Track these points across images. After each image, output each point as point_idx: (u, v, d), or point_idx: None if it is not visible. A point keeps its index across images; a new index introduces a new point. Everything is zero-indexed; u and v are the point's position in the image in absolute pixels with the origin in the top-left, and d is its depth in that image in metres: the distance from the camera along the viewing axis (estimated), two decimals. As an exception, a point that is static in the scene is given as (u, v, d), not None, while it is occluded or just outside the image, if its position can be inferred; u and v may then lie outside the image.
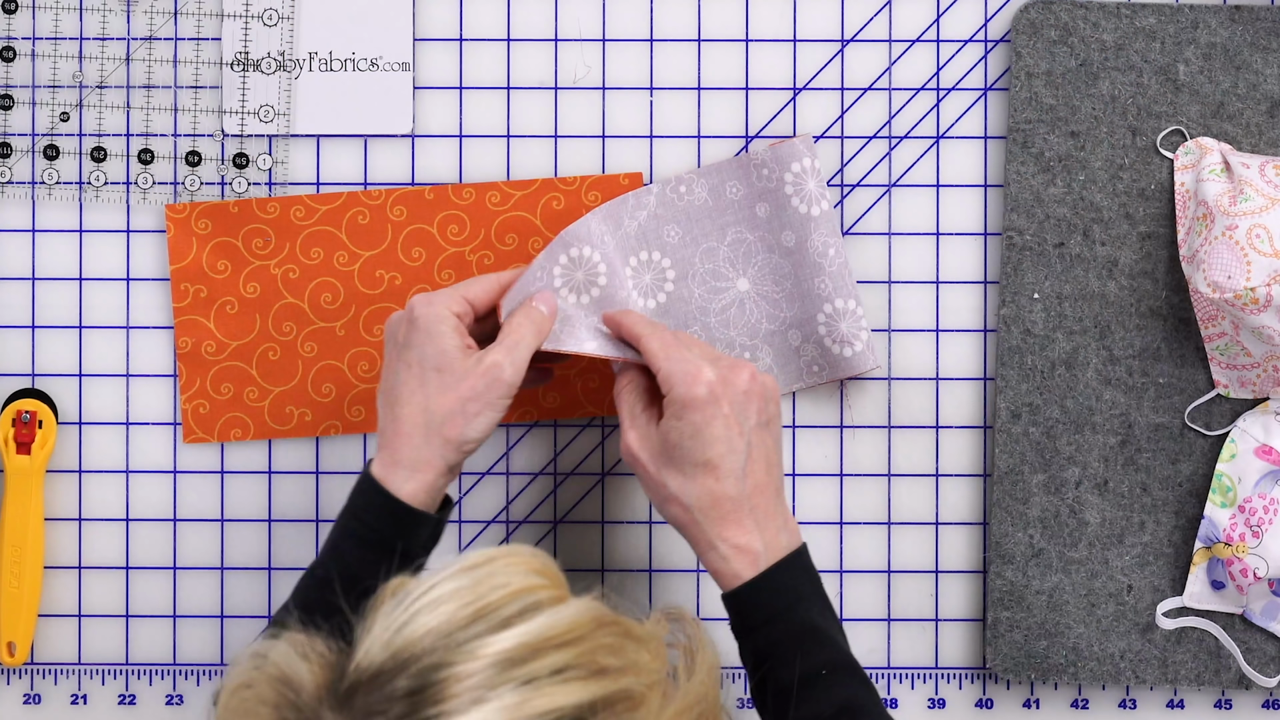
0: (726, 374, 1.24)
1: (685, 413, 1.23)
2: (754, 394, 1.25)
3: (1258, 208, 1.34)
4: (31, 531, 1.41)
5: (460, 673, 0.93)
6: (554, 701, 0.94)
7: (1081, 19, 1.41)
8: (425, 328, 1.25)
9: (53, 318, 1.44)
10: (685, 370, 1.24)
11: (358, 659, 0.95)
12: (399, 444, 1.24)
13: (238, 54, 1.43)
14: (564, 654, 0.96)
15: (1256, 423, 1.40)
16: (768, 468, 1.25)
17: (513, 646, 0.95)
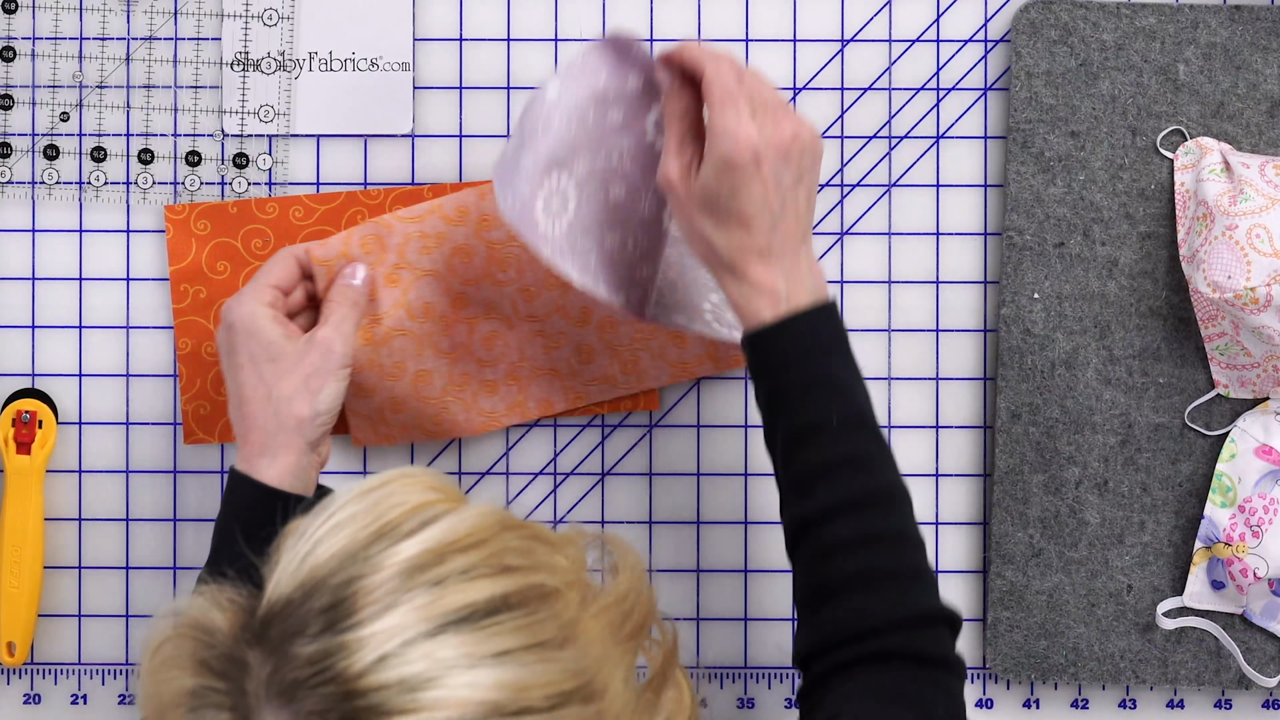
0: (770, 133, 1.22)
1: (725, 171, 1.22)
2: (793, 153, 1.23)
3: (1258, 208, 1.34)
4: (31, 531, 1.41)
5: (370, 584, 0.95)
6: (465, 598, 0.95)
7: (1081, 19, 1.41)
8: (244, 327, 1.29)
9: (53, 318, 1.44)
10: (733, 129, 1.22)
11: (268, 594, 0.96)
12: (254, 435, 1.28)
13: (238, 54, 1.43)
14: (469, 556, 0.97)
15: (1256, 423, 1.40)
16: (797, 219, 1.24)
17: (418, 553, 0.96)
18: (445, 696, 0.92)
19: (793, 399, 1.22)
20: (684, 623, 1.45)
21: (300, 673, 0.93)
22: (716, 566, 1.45)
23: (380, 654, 0.92)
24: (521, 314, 1.39)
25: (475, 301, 1.38)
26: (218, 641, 0.96)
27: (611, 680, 0.99)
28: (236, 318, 1.29)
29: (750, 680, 1.44)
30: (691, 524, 1.45)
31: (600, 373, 1.41)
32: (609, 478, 1.45)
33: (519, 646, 0.95)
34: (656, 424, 1.44)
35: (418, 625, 0.93)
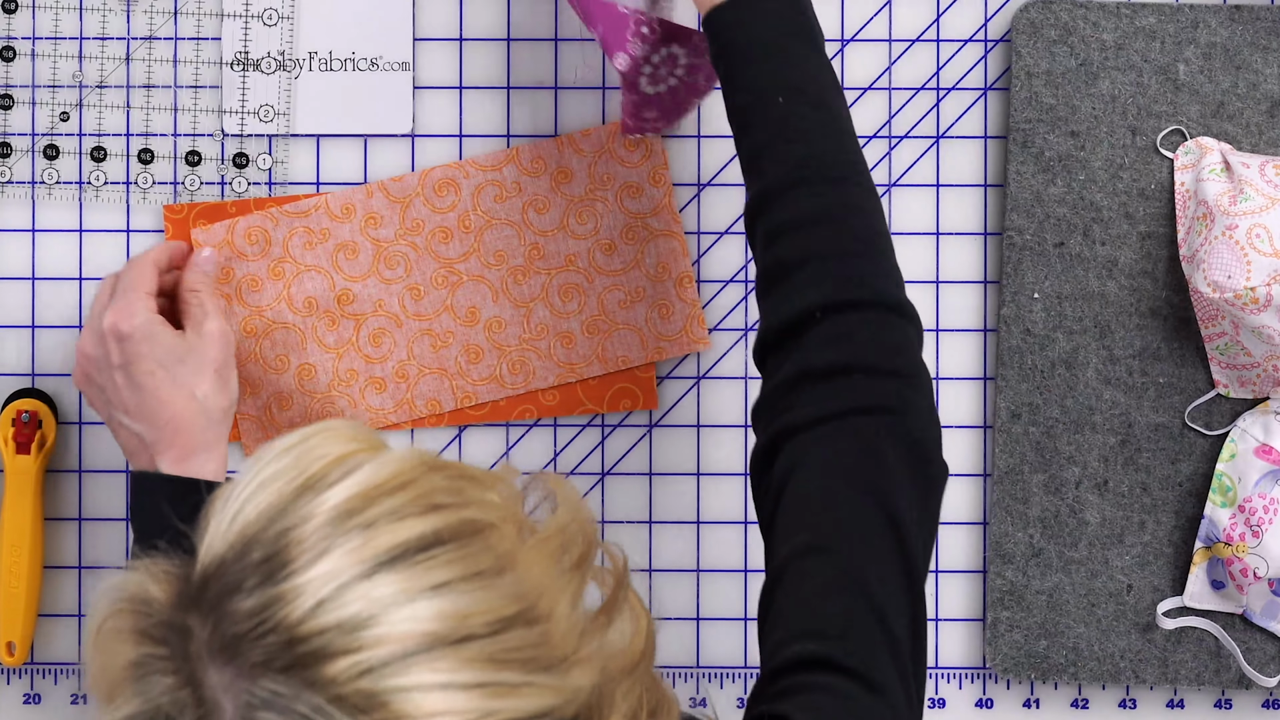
0: None
1: None
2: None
3: (1258, 207, 1.34)
4: (31, 531, 1.41)
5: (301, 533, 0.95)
6: (396, 537, 0.95)
7: (1081, 19, 1.41)
8: (143, 336, 1.31)
9: (53, 318, 1.44)
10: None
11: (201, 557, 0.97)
12: (184, 438, 1.30)
13: (238, 54, 1.43)
14: (396, 498, 0.97)
15: (1256, 423, 1.40)
16: None
17: (345, 499, 0.96)
18: (386, 632, 0.93)
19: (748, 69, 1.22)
20: (684, 623, 1.45)
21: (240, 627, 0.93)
22: (716, 566, 1.45)
23: (318, 599, 0.93)
24: (409, 312, 1.41)
25: (361, 298, 1.41)
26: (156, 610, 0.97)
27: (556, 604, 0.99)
28: (131, 329, 1.31)
29: (751, 680, 1.44)
30: (691, 524, 1.45)
31: (488, 372, 1.42)
32: (609, 478, 1.45)
33: (455, 578, 0.95)
34: (656, 424, 1.44)
35: (352, 568, 0.94)
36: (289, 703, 0.91)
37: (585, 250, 1.41)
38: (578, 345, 1.42)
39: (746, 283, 1.44)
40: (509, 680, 0.94)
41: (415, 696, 0.92)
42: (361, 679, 0.91)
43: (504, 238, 1.41)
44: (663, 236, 1.42)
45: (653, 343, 1.42)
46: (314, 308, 1.41)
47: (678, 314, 1.41)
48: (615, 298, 1.41)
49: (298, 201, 1.41)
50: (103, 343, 1.32)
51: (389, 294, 1.41)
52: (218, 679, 0.93)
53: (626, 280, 1.41)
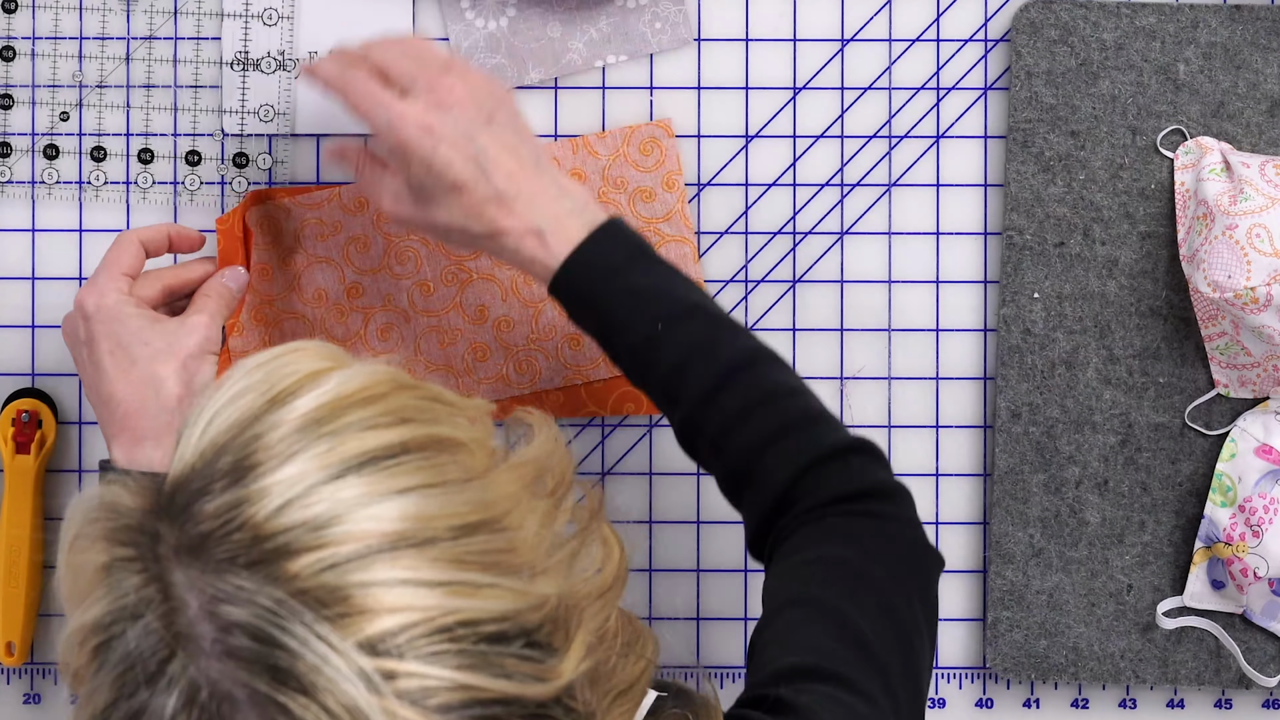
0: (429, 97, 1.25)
1: (408, 154, 1.24)
2: (463, 101, 1.25)
3: (1258, 207, 1.34)
4: (31, 531, 1.41)
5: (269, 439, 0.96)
6: (363, 445, 0.96)
7: (1081, 19, 1.41)
8: (108, 315, 1.29)
9: (53, 318, 1.44)
10: (385, 118, 1.25)
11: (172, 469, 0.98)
12: (133, 423, 1.29)
13: (238, 54, 1.43)
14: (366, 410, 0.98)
15: (1256, 422, 1.40)
16: (511, 153, 1.25)
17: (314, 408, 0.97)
18: (350, 530, 0.93)
19: (614, 325, 1.23)
20: (684, 623, 1.45)
21: (207, 526, 0.94)
22: (716, 566, 1.45)
23: (285, 499, 0.94)
24: (418, 308, 1.41)
25: (371, 292, 1.41)
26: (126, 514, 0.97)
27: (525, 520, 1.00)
28: (96, 307, 1.30)
29: (750, 680, 1.44)
30: (691, 524, 1.45)
31: (495, 372, 1.42)
32: (609, 477, 1.45)
33: (421, 484, 0.96)
34: (656, 424, 1.44)
35: (319, 472, 0.95)
36: (252, 595, 0.92)
37: None
38: (585, 347, 1.42)
39: (746, 283, 1.44)
40: (472, 580, 0.94)
41: (377, 591, 0.92)
42: (324, 574, 0.92)
43: None
44: (674, 241, 1.42)
45: None
46: (323, 299, 1.41)
47: None
48: None
49: (310, 194, 1.40)
50: (74, 319, 1.31)
51: (398, 289, 1.40)
52: (183, 577, 0.93)
53: None
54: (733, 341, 1.23)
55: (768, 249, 1.44)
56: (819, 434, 1.21)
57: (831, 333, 1.44)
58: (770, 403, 1.21)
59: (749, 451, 1.21)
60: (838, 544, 1.18)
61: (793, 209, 1.44)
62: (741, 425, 1.21)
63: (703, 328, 1.23)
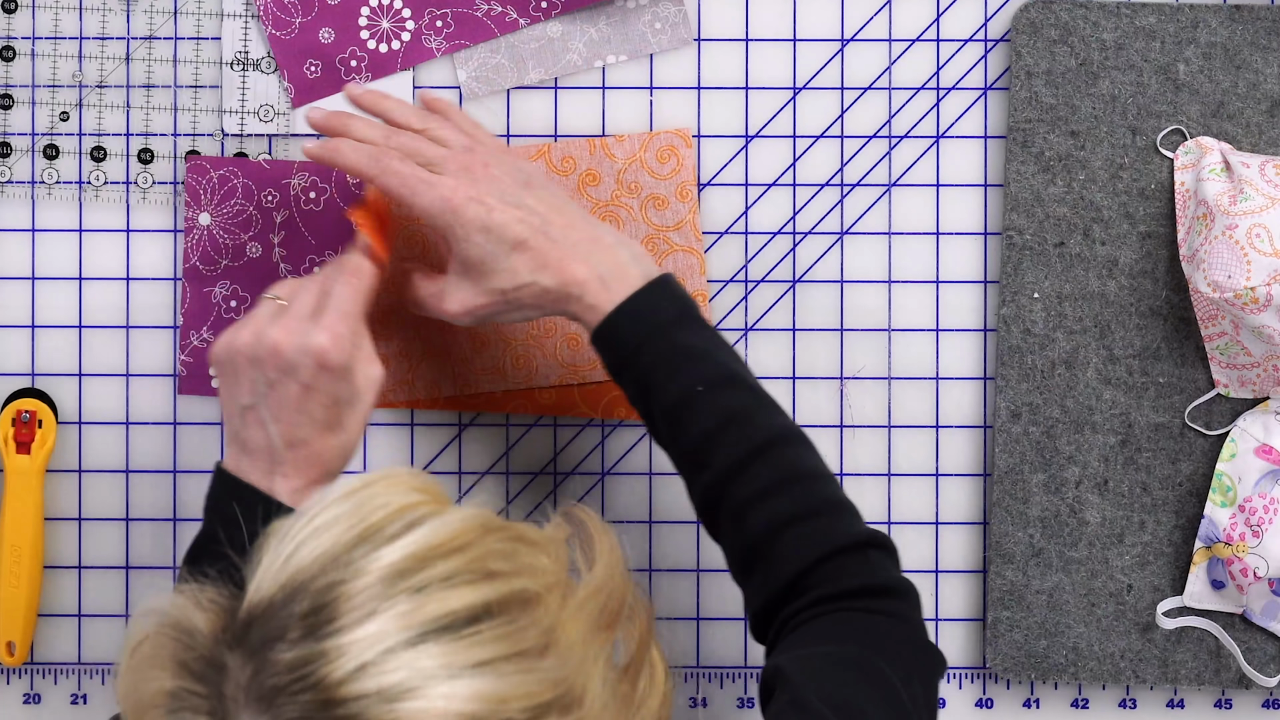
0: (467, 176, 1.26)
1: (469, 231, 1.24)
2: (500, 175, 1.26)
3: (1258, 207, 1.34)
4: (31, 531, 1.41)
5: (351, 589, 0.94)
6: (446, 606, 0.95)
7: (1081, 19, 1.41)
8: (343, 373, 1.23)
9: (53, 318, 1.44)
10: (439, 194, 1.25)
11: (249, 596, 0.96)
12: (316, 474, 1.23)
13: (238, 54, 1.43)
14: (452, 561, 0.97)
15: (1256, 422, 1.40)
16: (560, 209, 1.26)
17: (400, 559, 0.96)
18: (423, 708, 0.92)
19: (655, 380, 1.22)
20: (684, 623, 1.45)
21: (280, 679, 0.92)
22: (716, 566, 1.45)
23: (360, 662, 0.92)
24: None
25: None
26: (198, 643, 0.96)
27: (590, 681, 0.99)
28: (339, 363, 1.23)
29: (750, 680, 1.44)
30: (691, 524, 1.45)
31: (492, 363, 1.41)
32: (609, 477, 1.45)
33: (499, 656, 0.95)
34: (656, 424, 1.44)
35: (398, 633, 0.93)
36: None
37: None
38: (583, 349, 1.42)
39: (746, 282, 1.44)
40: None
41: None
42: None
43: None
44: (682, 251, 1.42)
45: None
46: None
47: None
48: None
49: None
50: (303, 355, 1.22)
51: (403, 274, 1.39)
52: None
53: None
54: (768, 417, 1.22)
55: (768, 249, 1.44)
56: (842, 523, 1.21)
57: (831, 333, 1.44)
58: (799, 483, 1.21)
59: (770, 529, 1.20)
60: (851, 639, 1.17)
61: (793, 209, 1.44)
62: (767, 501, 1.20)
63: (741, 398, 1.22)
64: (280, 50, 1.42)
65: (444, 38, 1.42)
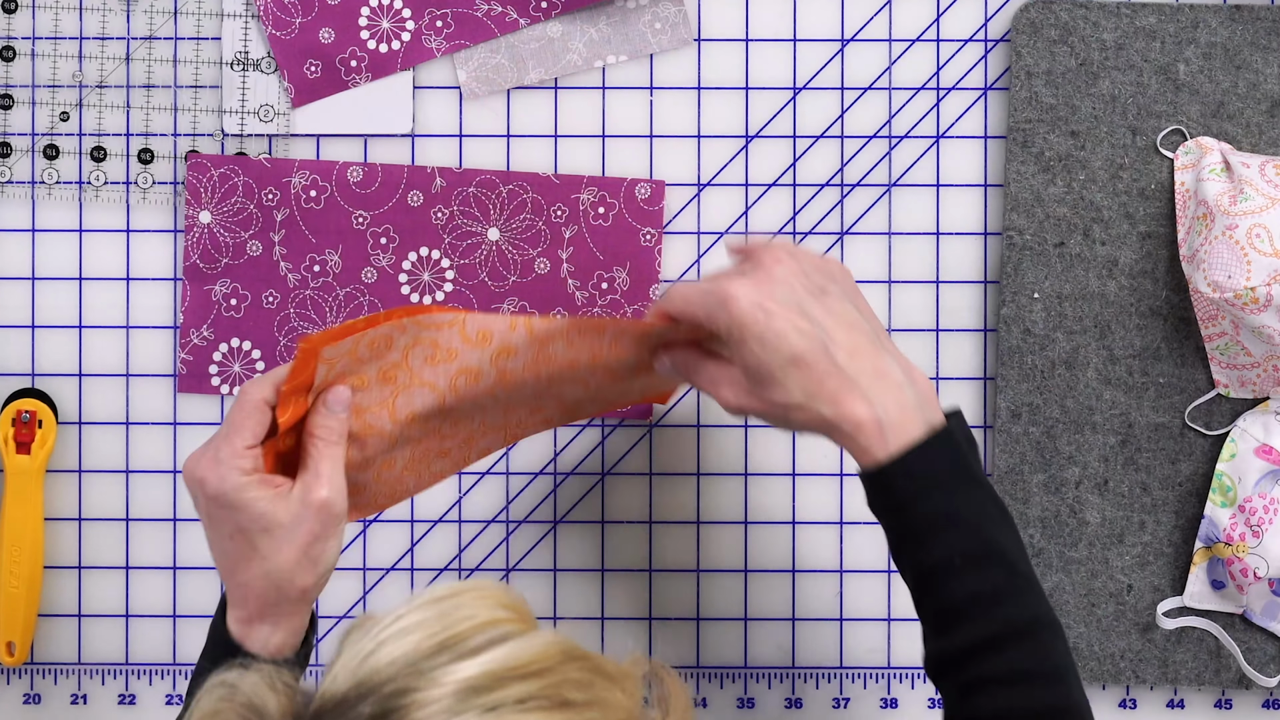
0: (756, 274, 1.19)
1: (743, 334, 1.17)
2: (792, 274, 1.18)
3: (1258, 207, 1.34)
4: (31, 531, 1.41)
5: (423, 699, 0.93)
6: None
7: (1081, 19, 1.41)
8: (227, 501, 1.16)
9: (53, 318, 1.44)
10: (716, 300, 1.18)
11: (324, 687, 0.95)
12: (251, 605, 1.18)
13: (238, 54, 1.43)
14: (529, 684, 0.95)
15: (1256, 422, 1.40)
16: (849, 328, 1.18)
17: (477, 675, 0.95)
18: None
19: (915, 538, 1.17)
20: (684, 623, 1.45)
21: None
22: (716, 566, 1.45)
23: None
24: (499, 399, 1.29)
25: (462, 415, 1.29)
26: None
27: None
28: (215, 491, 1.16)
29: (750, 680, 1.44)
30: (691, 524, 1.45)
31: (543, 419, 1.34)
32: (609, 477, 1.45)
33: None
34: (656, 424, 1.44)
35: None
36: None
37: None
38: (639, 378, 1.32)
39: (746, 283, 1.44)
40: None
41: None
42: None
43: None
44: None
45: None
46: (415, 422, 1.26)
47: None
48: None
49: (432, 314, 1.24)
50: (192, 484, 1.18)
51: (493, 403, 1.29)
52: None
53: None
54: (1020, 601, 1.17)
55: (768, 249, 1.44)
56: None
57: (831, 333, 1.44)
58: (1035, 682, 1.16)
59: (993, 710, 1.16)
60: None
61: (793, 209, 1.44)
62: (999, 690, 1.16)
63: (994, 579, 1.16)
64: (280, 50, 1.42)
65: (444, 38, 1.42)
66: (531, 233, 1.43)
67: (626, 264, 1.43)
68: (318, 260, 1.43)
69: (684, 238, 1.44)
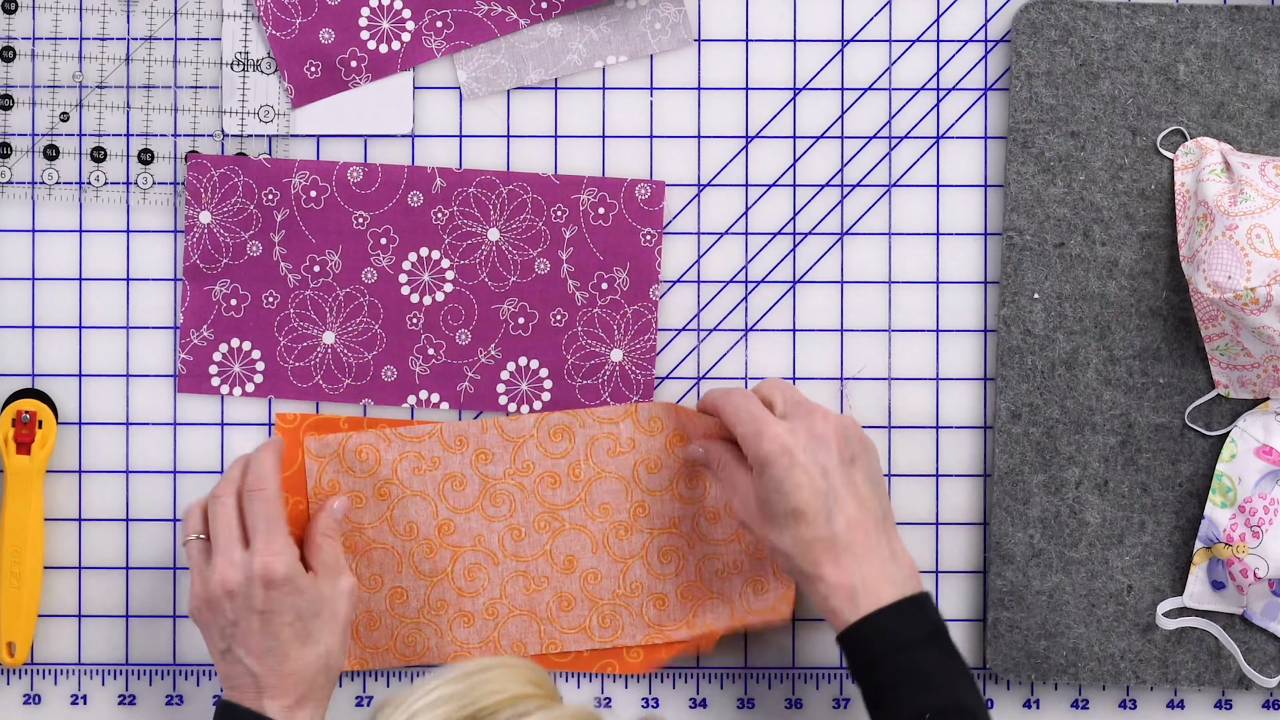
0: (797, 423, 1.29)
1: (765, 469, 1.28)
2: (829, 436, 1.29)
3: (1258, 208, 1.34)
4: (31, 531, 1.41)
5: None
6: None
7: (1081, 19, 1.41)
8: (296, 585, 1.30)
9: (53, 318, 1.44)
10: (755, 429, 1.29)
11: None
12: (303, 689, 1.31)
13: (238, 54, 1.43)
14: None
15: (1256, 423, 1.40)
16: (860, 504, 1.29)
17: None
18: None
19: (885, 696, 1.25)
20: (684, 623, 1.45)
21: None
22: (716, 567, 1.45)
23: None
24: (507, 552, 1.40)
25: (462, 530, 1.40)
26: None
27: None
28: (285, 575, 1.30)
29: (750, 680, 1.44)
30: (691, 524, 1.45)
31: (578, 622, 1.41)
32: (609, 478, 1.45)
33: None
34: (656, 424, 1.45)
35: None
36: None
37: (690, 515, 1.40)
38: (670, 608, 1.41)
39: (746, 283, 1.44)
40: None
41: None
42: None
43: (612, 491, 1.40)
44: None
45: (741, 614, 1.40)
46: (414, 533, 1.40)
47: (771, 591, 1.40)
48: (712, 567, 1.40)
49: (412, 426, 1.40)
50: (250, 584, 1.30)
51: (490, 530, 1.40)
52: None
53: (726, 551, 1.40)
54: None
55: (768, 249, 1.44)
56: None
57: (831, 333, 1.44)
58: None
59: None
60: None
61: (793, 209, 1.44)
62: None
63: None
64: (280, 50, 1.42)
65: (444, 38, 1.42)
66: (531, 233, 1.43)
67: (626, 264, 1.43)
68: (318, 260, 1.43)
69: (684, 238, 1.44)
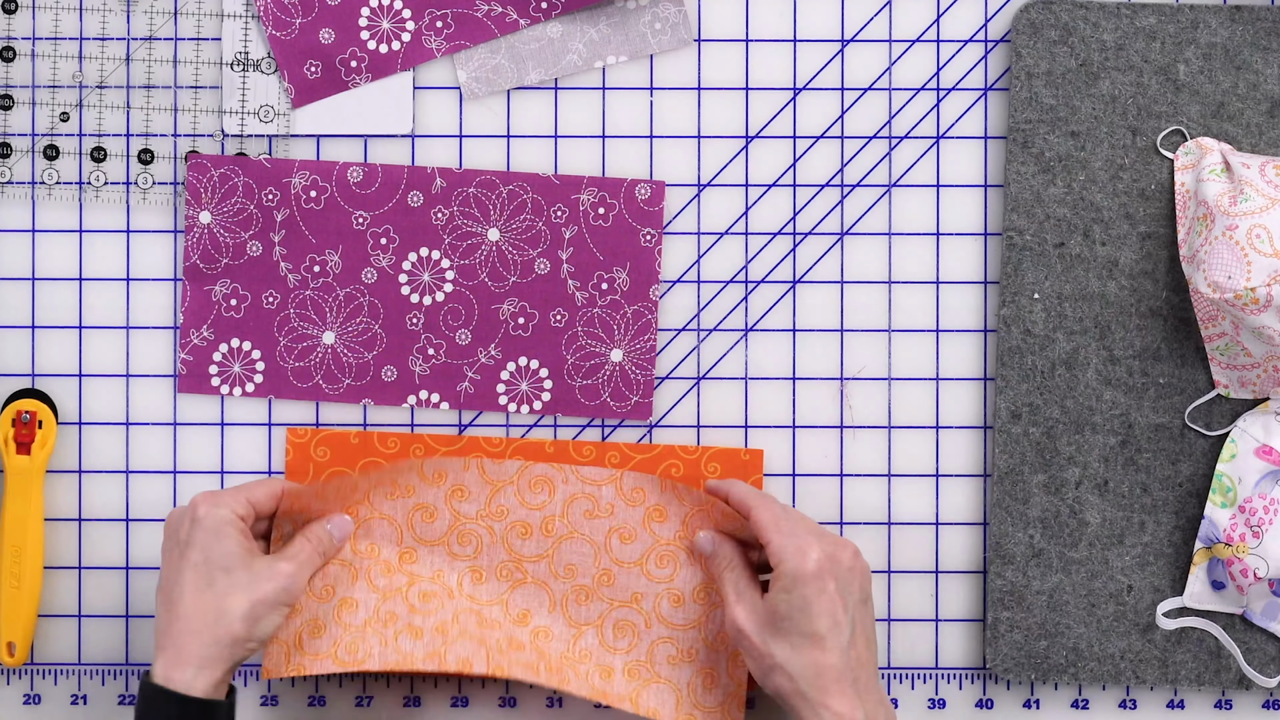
0: (832, 551, 1.31)
1: (796, 586, 1.29)
2: (856, 571, 1.31)
3: (1258, 208, 1.34)
4: (31, 531, 1.41)
5: None
6: None
7: (1081, 19, 1.41)
8: (212, 528, 1.31)
9: (53, 318, 1.44)
10: (797, 545, 1.30)
11: None
12: (185, 642, 1.30)
13: (238, 54, 1.43)
14: None
15: (1256, 423, 1.40)
16: (867, 643, 1.32)
17: None
18: None
19: None
20: (684, 623, 1.45)
21: None
22: (716, 567, 1.45)
23: None
24: (464, 592, 1.40)
25: (423, 561, 1.40)
26: None
27: None
28: (206, 515, 1.31)
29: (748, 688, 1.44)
30: (691, 524, 1.45)
31: (523, 660, 1.38)
32: (609, 478, 1.45)
33: None
34: (656, 424, 1.45)
35: None
36: None
37: (654, 594, 1.40)
38: (615, 682, 1.39)
39: (746, 283, 1.44)
40: None
41: None
42: None
43: (580, 554, 1.40)
44: None
45: (686, 709, 1.39)
46: (374, 554, 1.39)
47: (720, 688, 1.40)
48: (665, 651, 1.40)
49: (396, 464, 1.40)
50: (181, 513, 1.33)
51: (451, 568, 1.40)
52: None
53: (684, 637, 1.40)
54: None
55: (768, 249, 1.44)
56: None
57: (831, 333, 1.44)
58: None
59: None
60: None
61: (793, 209, 1.44)
62: None
63: None
64: (280, 50, 1.42)
65: (444, 38, 1.42)
66: (531, 233, 1.43)
67: (626, 264, 1.43)
68: (318, 260, 1.43)
69: (684, 238, 1.44)
